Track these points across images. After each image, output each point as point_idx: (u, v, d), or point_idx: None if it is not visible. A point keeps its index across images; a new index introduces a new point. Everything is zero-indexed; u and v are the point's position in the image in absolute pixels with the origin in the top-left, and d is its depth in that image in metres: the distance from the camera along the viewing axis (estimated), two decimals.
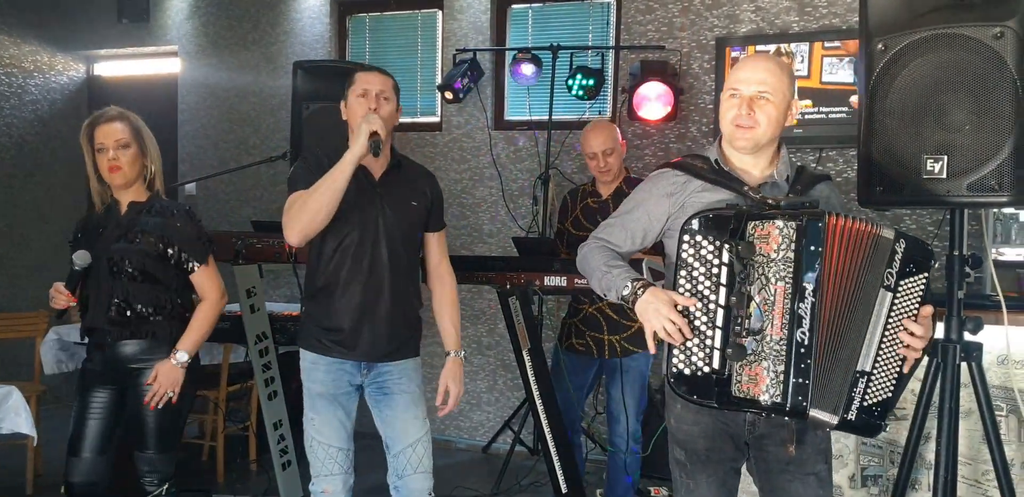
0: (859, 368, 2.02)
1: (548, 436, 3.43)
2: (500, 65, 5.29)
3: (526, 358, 3.39)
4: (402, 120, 4.19)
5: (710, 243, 2.04)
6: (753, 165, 2.24)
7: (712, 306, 2.02)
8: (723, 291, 2.01)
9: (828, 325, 1.99)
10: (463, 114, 5.30)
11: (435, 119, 5.44)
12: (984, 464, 2.71)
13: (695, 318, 2.04)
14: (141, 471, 2.98)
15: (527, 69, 4.85)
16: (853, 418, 2.01)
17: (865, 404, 2.02)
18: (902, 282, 2.04)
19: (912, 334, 2.06)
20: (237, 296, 3.93)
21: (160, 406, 2.91)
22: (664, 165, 2.34)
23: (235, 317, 4.18)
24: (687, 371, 2.05)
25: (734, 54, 4.63)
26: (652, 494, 4.32)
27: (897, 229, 2.07)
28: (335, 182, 2.61)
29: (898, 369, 2.06)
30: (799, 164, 2.34)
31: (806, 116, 4.47)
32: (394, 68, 5.44)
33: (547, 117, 4.80)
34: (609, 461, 3.92)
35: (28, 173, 6.37)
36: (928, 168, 2.38)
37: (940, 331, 2.56)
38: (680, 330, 2.03)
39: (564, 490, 3.46)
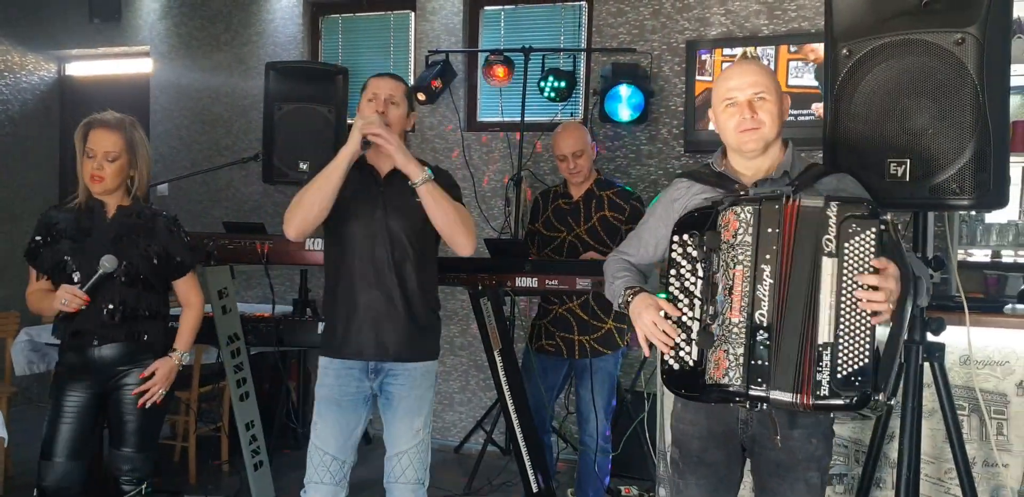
0: (821, 341, 1.97)
1: (519, 436, 3.44)
2: (473, 67, 5.31)
3: (497, 359, 3.40)
4: None
5: (693, 240, 2.10)
6: (756, 168, 2.27)
7: (696, 301, 2.08)
8: (700, 284, 2.07)
9: (786, 305, 2.01)
10: (435, 115, 5.32)
11: None
12: (947, 462, 2.75)
13: (683, 314, 2.09)
14: (120, 470, 2.98)
15: (499, 71, 4.88)
16: (826, 393, 1.95)
17: (839, 376, 1.96)
18: (847, 244, 1.98)
19: (870, 288, 1.95)
20: (209, 297, 3.93)
21: (149, 405, 2.94)
22: (678, 175, 2.43)
23: (207, 318, 4.18)
24: (676, 366, 2.10)
25: (703, 57, 4.68)
26: (623, 493, 4.36)
27: (829, 195, 2.04)
28: (327, 179, 2.67)
29: (870, 332, 1.96)
30: (812, 161, 2.35)
31: None
32: (366, 69, 5.45)
33: (519, 119, 4.82)
34: (580, 460, 3.95)
35: None
36: (891, 171, 2.42)
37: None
38: (665, 332, 2.08)
39: (535, 489, 3.48)
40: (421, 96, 5.01)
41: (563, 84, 4.75)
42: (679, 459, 2.33)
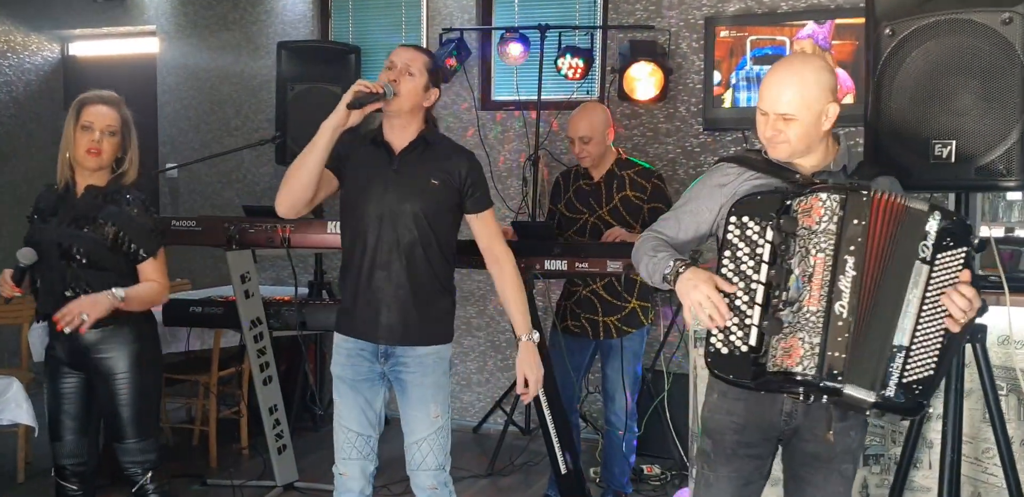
0: (896, 343, 2.01)
1: (547, 417, 3.44)
2: (487, 45, 5.26)
3: None
4: None
5: (756, 224, 2.07)
6: (805, 161, 2.24)
7: (753, 285, 2.05)
8: (765, 268, 2.04)
9: (867, 299, 2.01)
10: (449, 94, 5.26)
11: None
12: (984, 442, 2.77)
13: (736, 298, 2.06)
14: (124, 463, 2.95)
15: (515, 49, 4.83)
16: (892, 395, 1.99)
17: (904, 381, 2.01)
18: (939, 255, 2.03)
19: (959, 297, 2.01)
20: (231, 281, 3.92)
21: (68, 330, 2.75)
22: (720, 159, 2.37)
23: (227, 302, 4.16)
24: (724, 350, 2.07)
25: (723, 34, 4.62)
26: (645, 472, 4.38)
27: (933, 203, 2.06)
28: (308, 153, 2.60)
29: (939, 345, 2.03)
30: (863, 159, 2.33)
31: None
32: (378, 48, 5.40)
33: (535, 97, 4.79)
34: (605, 440, 3.96)
35: (3, 156, 6.28)
36: (936, 153, 2.41)
37: None
38: (718, 308, 2.04)
39: (563, 470, 3.49)
40: None
41: (580, 62, 4.68)
42: (711, 451, 2.30)
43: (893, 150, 2.49)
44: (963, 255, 2.04)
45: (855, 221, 2.01)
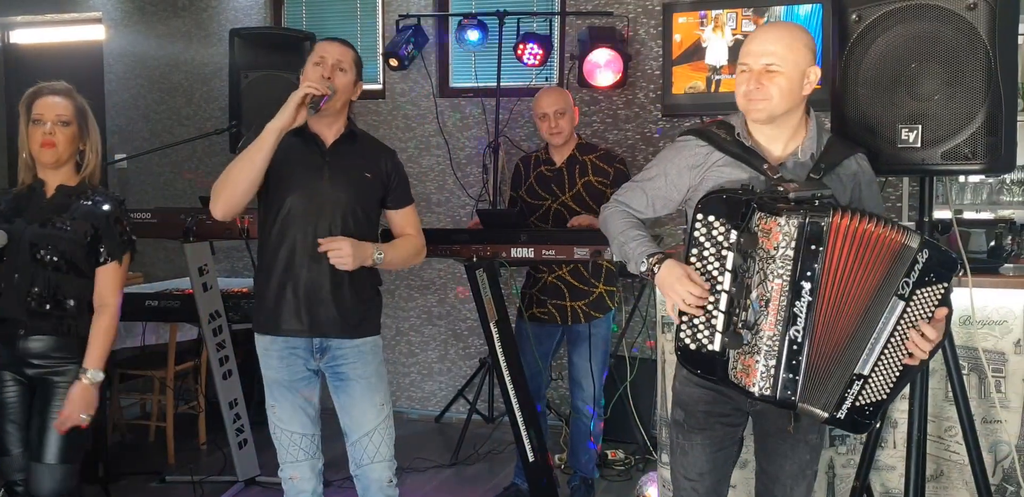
0: (857, 371, 2.06)
1: (515, 407, 3.43)
2: (444, 31, 5.19)
3: (494, 330, 3.38)
4: None
5: (721, 224, 2.07)
6: (775, 138, 2.24)
7: (719, 287, 2.06)
8: (728, 277, 2.05)
9: (826, 326, 2.03)
10: (407, 81, 5.20)
11: (377, 86, 5.32)
12: (946, 421, 2.81)
13: (708, 302, 2.09)
14: (39, 487, 2.66)
15: (473, 35, 4.78)
16: (843, 417, 2.07)
17: (858, 404, 2.07)
18: (918, 291, 2.04)
19: (922, 336, 2.05)
20: (186, 273, 3.84)
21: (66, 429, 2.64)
22: (687, 131, 2.35)
23: (184, 296, 4.08)
24: (693, 346, 2.11)
25: (681, 20, 4.61)
26: (609, 457, 4.39)
27: (924, 238, 2.05)
28: (254, 154, 2.56)
29: (897, 373, 2.09)
30: (832, 136, 2.33)
31: None
32: (332, 35, 5.29)
33: (494, 84, 4.75)
34: (572, 426, 3.96)
35: None
36: (903, 137, 2.43)
37: None
38: (696, 300, 2.08)
39: (532, 459, 3.48)
40: (393, 62, 4.89)
41: (540, 48, 4.64)
42: (684, 421, 2.35)
43: (860, 135, 2.50)
44: (942, 291, 2.06)
45: (812, 247, 2.00)
